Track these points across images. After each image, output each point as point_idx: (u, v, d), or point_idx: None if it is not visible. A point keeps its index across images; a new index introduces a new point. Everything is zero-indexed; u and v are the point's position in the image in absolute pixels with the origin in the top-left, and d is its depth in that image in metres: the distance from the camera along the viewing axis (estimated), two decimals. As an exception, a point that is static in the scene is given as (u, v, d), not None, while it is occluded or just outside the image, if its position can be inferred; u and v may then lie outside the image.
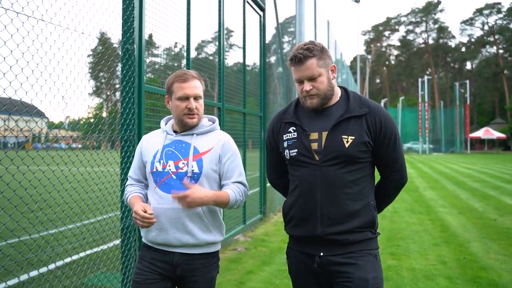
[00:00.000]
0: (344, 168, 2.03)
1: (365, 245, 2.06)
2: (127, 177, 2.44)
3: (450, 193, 12.62)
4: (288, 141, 2.15)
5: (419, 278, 4.79)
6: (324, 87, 2.06)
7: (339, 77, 26.80)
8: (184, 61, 5.22)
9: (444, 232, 7.18)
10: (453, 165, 26.93)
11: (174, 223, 2.19)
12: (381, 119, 2.06)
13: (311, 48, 2.04)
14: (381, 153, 2.10)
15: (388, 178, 2.18)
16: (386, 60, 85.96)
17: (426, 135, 49.87)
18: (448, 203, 10.50)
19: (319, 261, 2.06)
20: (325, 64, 2.07)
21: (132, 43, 3.82)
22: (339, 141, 2.02)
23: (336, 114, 2.09)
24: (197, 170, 2.21)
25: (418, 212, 9.27)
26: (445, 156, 41.75)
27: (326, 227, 2.03)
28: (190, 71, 2.29)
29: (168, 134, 2.32)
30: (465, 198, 11.47)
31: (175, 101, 2.24)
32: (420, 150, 49.19)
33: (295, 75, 2.09)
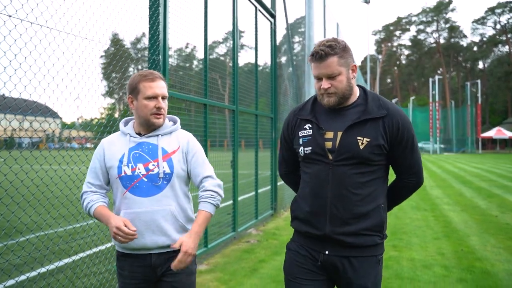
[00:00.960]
0: (356, 169, 2.03)
1: (371, 250, 2.07)
2: (85, 183, 2.33)
3: (456, 191, 12.96)
4: (303, 138, 2.15)
5: (417, 267, 5.21)
6: (342, 86, 2.04)
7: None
8: (193, 62, 5.71)
9: (445, 228, 7.57)
10: (462, 164, 27.12)
11: (149, 226, 2.18)
12: (399, 122, 2.05)
13: (333, 46, 2.01)
14: (397, 156, 2.10)
15: (404, 180, 2.18)
16: (397, 60, 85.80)
17: (437, 135, 49.85)
18: (452, 201, 10.85)
19: (323, 259, 2.08)
20: (346, 63, 2.05)
21: (158, 54, 4.31)
22: (353, 142, 2.02)
23: (353, 114, 2.08)
24: (168, 171, 2.21)
25: (423, 209, 9.65)
26: (455, 156, 41.78)
27: (335, 226, 2.04)
28: (155, 72, 2.29)
29: (131, 136, 2.28)
30: (470, 196, 11.81)
31: (142, 101, 2.21)
32: (431, 150, 49.20)
33: (315, 71, 2.06)
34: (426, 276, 4.86)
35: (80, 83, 3.52)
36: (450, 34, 78.64)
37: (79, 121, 5.44)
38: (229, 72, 9.44)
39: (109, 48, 4.49)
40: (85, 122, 5.46)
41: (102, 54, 4.26)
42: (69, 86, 3.37)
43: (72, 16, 3.33)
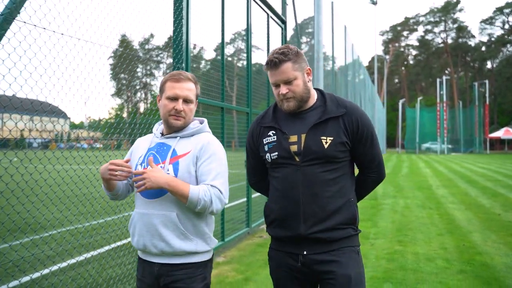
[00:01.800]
0: (324, 167, 2.08)
1: (347, 241, 2.12)
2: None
3: (462, 191, 13.25)
4: (268, 145, 2.18)
5: (421, 260, 5.57)
6: (300, 90, 2.10)
7: (356, 78, 27.40)
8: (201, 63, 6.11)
9: (449, 225, 7.91)
10: (469, 165, 27.30)
11: (149, 229, 2.13)
12: (357, 119, 2.13)
13: (286, 52, 2.08)
14: (359, 152, 2.17)
15: (367, 175, 2.27)
16: (405, 60, 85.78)
17: (445, 135, 49.92)
18: (457, 200, 11.17)
19: (303, 260, 2.10)
20: (301, 68, 2.11)
21: (182, 63, 4.71)
22: (318, 142, 2.08)
23: (313, 116, 2.14)
24: (172, 174, 2.13)
25: (428, 207, 9.99)
26: (463, 156, 41.86)
27: (309, 226, 2.07)
28: (187, 73, 2.23)
29: (155, 136, 2.29)
30: (474, 195, 12.11)
31: (164, 100, 2.19)
32: (439, 151, 49.28)
33: (272, 79, 2.12)
34: (428, 268, 5.22)
35: (87, 83, 3.55)
36: (458, 34, 78.51)
37: (87, 121, 5.23)
38: (236, 73, 9.76)
39: (117, 49, 4.48)
40: (93, 122, 5.55)
41: (111, 55, 4.32)
42: (76, 85, 3.40)
43: (76, 19, 3.31)
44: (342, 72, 19.37)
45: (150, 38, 51.66)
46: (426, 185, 14.94)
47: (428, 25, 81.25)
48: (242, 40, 8.05)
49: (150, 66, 61.78)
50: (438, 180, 16.93)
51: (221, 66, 5.96)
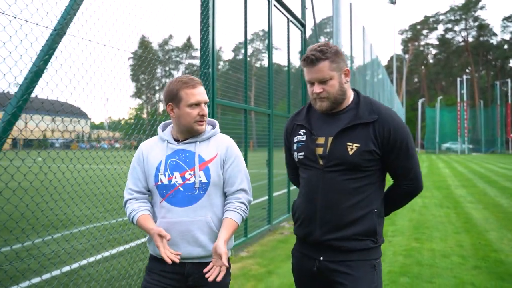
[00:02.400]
0: (347, 175, 2.01)
1: (364, 254, 2.04)
2: (126, 189, 2.26)
3: (480, 190, 13.30)
4: (297, 144, 2.17)
5: (436, 256, 5.77)
6: (334, 90, 2.03)
7: (375, 77, 27.41)
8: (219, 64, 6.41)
9: (466, 223, 8.06)
10: (490, 165, 27.05)
11: (185, 236, 2.12)
12: (390, 128, 2.01)
13: (325, 51, 2.01)
14: (390, 162, 2.06)
15: (401, 186, 2.14)
16: (424, 59, 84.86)
17: (465, 135, 49.33)
18: (475, 199, 11.25)
19: (319, 265, 2.08)
20: (338, 68, 2.03)
21: (209, 68, 5.02)
22: (343, 148, 2.01)
23: (345, 119, 2.06)
24: (205, 180, 2.14)
25: (446, 207, 10.12)
26: (484, 157, 41.34)
27: (324, 232, 2.04)
28: (194, 77, 2.21)
29: (169, 143, 2.21)
30: (493, 195, 12.15)
31: (185, 109, 2.14)
32: (459, 151, 48.73)
33: (307, 76, 2.07)
34: (444, 263, 5.43)
35: (107, 85, 3.62)
36: (479, 32, 77.30)
37: (107, 121, 5.50)
38: (254, 73, 9.94)
39: (137, 50, 4.49)
40: (113, 122, 5.62)
41: (131, 56, 4.38)
42: (97, 87, 3.47)
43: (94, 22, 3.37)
44: (360, 72, 19.49)
45: (169, 39, 52.46)
46: (445, 185, 14.99)
47: (448, 23, 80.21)
48: (260, 40, 8.33)
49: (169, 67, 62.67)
50: (457, 180, 16.93)
51: (244, 70, 6.26)
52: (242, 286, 4.62)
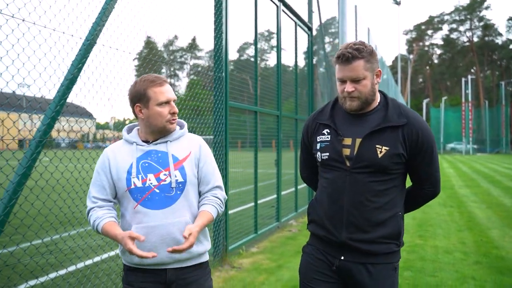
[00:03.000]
0: (374, 177, 2.02)
1: (388, 258, 2.06)
2: (89, 198, 2.11)
3: (484, 190, 13.50)
4: (321, 144, 2.12)
5: (439, 252, 6.01)
6: (366, 91, 2.02)
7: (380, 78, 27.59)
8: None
9: (469, 222, 8.29)
10: (494, 165, 27.19)
11: (165, 240, 2.03)
12: (418, 132, 2.02)
13: (361, 49, 1.99)
14: (415, 166, 2.08)
15: (421, 189, 2.17)
16: (429, 59, 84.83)
17: (470, 136, 49.39)
18: (479, 199, 11.47)
19: (339, 265, 2.07)
20: (372, 68, 2.02)
21: (222, 72, 5.28)
22: (372, 151, 2.00)
23: (373, 121, 2.05)
24: (181, 179, 2.08)
25: (449, 206, 10.34)
26: (489, 157, 41.40)
27: (351, 233, 2.03)
28: (159, 75, 2.13)
29: (138, 145, 2.11)
30: (496, 195, 12.36)
31: (155, 108, 2.06)
32: (464, 151, 48.80)
33: (339, 73, 2.03)
34: (446, 259, 5.67)
35: (113, 86, 3.65)
36: (484, 32, 77.19)
37: (112, 121, 5.34)
38: (260, 73, 10.14)
39: (142, 51, 4.54)
40: (118, 123, 5.53)
41: (136, 56, 4.29)
42: (103, 88, 3.51)
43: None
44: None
45: (174, 39, 52.82)
46: (449, 185, 15.19)
47: (453, 23, 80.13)
48: (265, 40, 8.58)
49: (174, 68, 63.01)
50: (461, 180, 17.13)
51: (255, 73, 6.52)
52: (255, 279, 4.88)
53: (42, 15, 2.92)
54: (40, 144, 2.90)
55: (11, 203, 2.77)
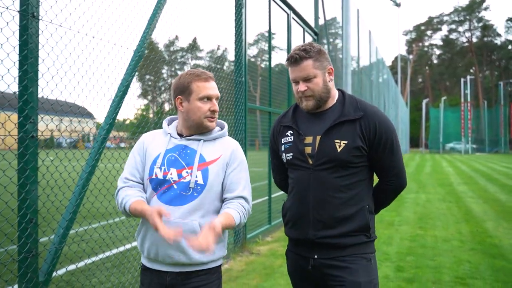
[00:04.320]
0: (337, 172, 2.03)
1: (359, 249, 2.06)
2: (120, 179, 2.08)
3: (481, 187, 14.08)
4: (285, 145, 2.17)
5: (438, 240, 6.59)
6: (319, 88, 2.06)
7: (380, 77, 28.15)
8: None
9: (466, 215, 8.87)
10: (493, 164, 27.79)
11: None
12: (375, 124, 2.05)
13: (308, 49, 2.04)
14: (376, 158, 2.09)
15: (385, 182, 2.17)
16: (429, 59, 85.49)
17: (469, 135, 50.00)
18: (476, 195, 12.05)
19: (313, 264, 2.08)
20: (322, 66, 2.06)
21: (242, 77, 5.85)
22: (331, 146, 2.03)
23: (331, 117, 2.09)
24: (201, 182, 1.98)
25: (448, 201, 10.92)
26: (487, 156, 42.00)
27: (317, 230, 2.05)
28: (207, 71, 2.09)
29: (172, 137, 2.09)
30: (493, 191, 12.94)
31: (195, 102, 2.02)
32: (463, 150, 49.41)
33: (291, 75, 2.10)
34: (445, 246, 6.24)
35: (114, 86, 3.62)
36: (483, 33, 77.85)
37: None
38: (260, 73, 10.56)
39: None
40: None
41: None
42: (103, 89, 3.48)
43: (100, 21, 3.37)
44: (365, 73, 20.29)
45: (175, 40, 53.39)
46: (448, 182, 15.78)
47: (452, 24, 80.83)
48: (265, 41, 9.09)
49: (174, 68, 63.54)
50: (459, 178, 17.71)
51: (268, 78, 7.08)
52: (273, 263, 5.44)
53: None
54: (104, 141, 3.45)
55: (80, 196, 3.28)
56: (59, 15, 3.00)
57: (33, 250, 2.74)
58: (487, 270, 5.10)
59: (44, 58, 2.89)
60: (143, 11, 3.91)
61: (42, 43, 2.86)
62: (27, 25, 2.70)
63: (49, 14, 2.93)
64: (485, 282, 4.66)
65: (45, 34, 2.90)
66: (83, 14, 3.19)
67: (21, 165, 2.67)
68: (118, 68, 3.66)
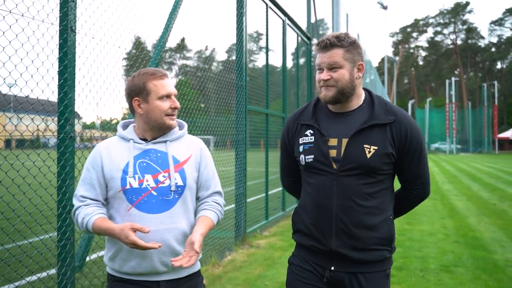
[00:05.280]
0: (363, 179, 1.90)
1: (380, 265, 1.95)
2: (76, 197, 1.95)
3: (465, 186, 14.69)
4: (304, 146, 1.99)
5: (425, 234, 7.07)
6: (344, 80, 1.90)
7: (367, 78, 28.71)
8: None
9: (450, 211, 9.39)
10: (476, 164, 28.59)
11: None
12: (407, 129, 1.92)
13: (341, 38, 1.90)
14: (404, 166, 1.96)
15: (409, 191, 2.05)
16: (414, 61, 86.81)
17: (454, 136, 51.04)
18: (460, 193, 12.62)
19: (329, 276, 1.95)
20: (352, 59, 1.91)
21: (242, 81, 6.24)
22: (360, 151, 1.89)
23: (358, 119, 1.94)
24: (180, 183, 1.94)
25: (433, 199, 11.44)
26: (471, 156, 43.01)
27: (341, 241, 1.91)
28: (160, 69, 2.01)
29: (135, 142, 1.97)
30: (476, 189, 13.54)
31: (154, 102, 1.93)
32: (447, 150, 50.45)
33: (318, 60, 1.95)
34: (430, 239, 6.72)
35: (100, 84, 3.54)
36: (468, 35, 79.39)
37: (98, 121, 5.30)
38: (248, 74, 10.84)
39: (131, 51, 4.39)
40: (105, 122, 5.34)
41: (124, 56, 4.10)
42: (89, 86, 3.40)
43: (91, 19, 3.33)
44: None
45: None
46: (433, 181, 16.36)
47: (437, 26, 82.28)
48: (254, 41, 9.48)
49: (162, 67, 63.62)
50: (444, 177, 18.34)
51: (266, 81, 7.48)
52: (272, 254, 5.85)
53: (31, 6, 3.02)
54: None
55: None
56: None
57: (71, 237, 3.10)
58: (469, 259, 5.58)
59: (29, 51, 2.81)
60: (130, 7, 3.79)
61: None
62: (67, 38, 3.05)
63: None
64: (467, 270, 5.12)
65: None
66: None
67: (62, 162, 3.03)
68: (102, 67, 3.54)
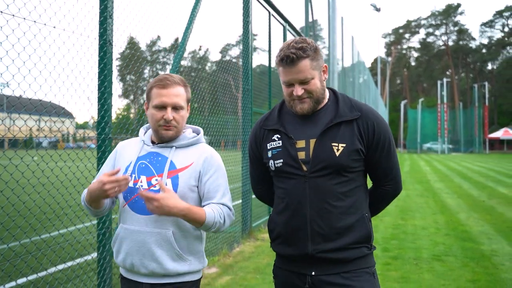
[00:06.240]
0: (335, 178, 1.86)
1: (361, 262, 1.91)
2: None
3: (456, 184, 15.24)
4: (272, 151, 1.97)
5: (417, 228, 7.55)
6: (317, 89, 1.88)
7: (361, 78, 29.21)
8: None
9: (442, 208, 9.90)
10: (467, 163, 29.25)
11: (140, 248, 1.90)
12: (373, 124, 1.90)
13: (305, 48, 1.82)
14: (374, 161, 1.94)
15: (381, 187, 2.03)
16: (407, 62, 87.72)
17: (445, 136, 51.76)
18: (451, 191, 13.15)
19: (311, 281, 1.90)
20: (318, 66, 1.87)
21: (249, 85, 6.67)
22: (328, 150, 1.85)
23: (324, 119, 1.91)
24: (170, 189, 1.90)
25: (425, 196, 11.97)
26: (463, 156, 43.76)
27: (317, 244, 1.86)
28: (175, 76, 1.98)
29: (145, 144, 2.03)
30: (467, 187, 14.08)
31: (151, 110, 1.95)
32: (439, 150, 51.17)
33: (285, 77, 1.87)
34: (423, 232, 7.21)
35: (94, 84, 3.52)
36: (459, 36, 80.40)
37: (91, 121, 5.27)
38: (241, 73, 11.26)
39: (125, 51, 4.37)
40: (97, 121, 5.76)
41: (118, 56, 4.16)
42: (82, 86, 3.39)
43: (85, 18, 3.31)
44: (347, 74, 21.34)
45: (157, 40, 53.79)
46: (425, 180, 16.92)
47: (429, 28, 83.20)
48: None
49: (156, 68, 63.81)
50: (436, 176, 18.90)
51: (268, 83, 7.93)
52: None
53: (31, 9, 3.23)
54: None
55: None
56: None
57: (109, 226, 3.52)
58: (458, 249, 6.07)
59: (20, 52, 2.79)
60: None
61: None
62: (106, 50, 3.47)
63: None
64: (457, 258, 5.61)
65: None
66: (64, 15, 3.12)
67: (103, 160, 3.44)
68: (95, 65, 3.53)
